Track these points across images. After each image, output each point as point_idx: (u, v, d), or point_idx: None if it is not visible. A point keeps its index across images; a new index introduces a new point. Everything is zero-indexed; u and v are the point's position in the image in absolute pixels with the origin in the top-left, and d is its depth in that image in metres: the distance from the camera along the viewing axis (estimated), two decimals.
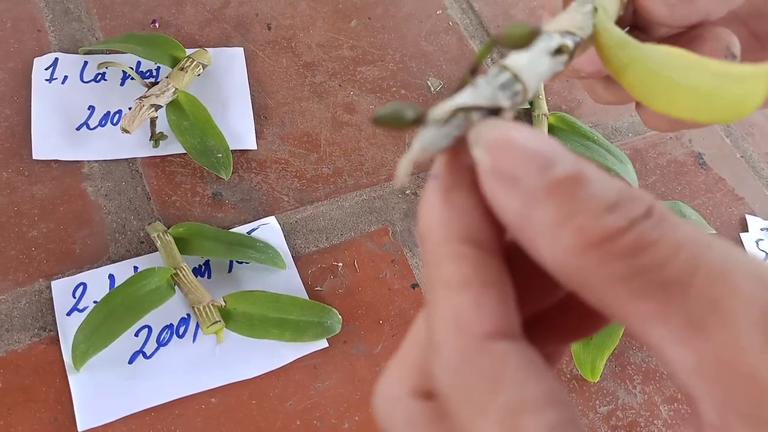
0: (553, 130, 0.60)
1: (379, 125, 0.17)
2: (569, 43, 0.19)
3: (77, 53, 0.59)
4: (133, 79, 0.58)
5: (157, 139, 0.55)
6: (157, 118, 0.55)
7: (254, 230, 0.52)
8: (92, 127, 0.55)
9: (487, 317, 0.15)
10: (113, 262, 0.50)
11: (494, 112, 0.17)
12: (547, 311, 0.19)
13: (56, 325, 0.47)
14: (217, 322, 0.47)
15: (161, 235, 0.50)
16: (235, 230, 0.52)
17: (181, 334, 0.48)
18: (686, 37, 0.26)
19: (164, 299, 0.48)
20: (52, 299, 0.48)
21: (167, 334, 0.48)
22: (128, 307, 0.47)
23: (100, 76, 0.58)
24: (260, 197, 0.54)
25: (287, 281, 0.51)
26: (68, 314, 0.47)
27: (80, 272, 0.49)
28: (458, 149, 0.17)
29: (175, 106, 0.56)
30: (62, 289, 0.48)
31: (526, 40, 0.18)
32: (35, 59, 0.58)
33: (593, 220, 0.14)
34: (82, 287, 0.49)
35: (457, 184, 0.16)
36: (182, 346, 0.47)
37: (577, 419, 0.14)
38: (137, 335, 0.47)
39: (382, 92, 0.61)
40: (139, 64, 0.59)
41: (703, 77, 0.19)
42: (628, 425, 0.49)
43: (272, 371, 0.47)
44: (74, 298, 0.48)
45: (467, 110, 0.17)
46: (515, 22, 0.19)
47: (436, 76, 0.63)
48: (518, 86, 0.18)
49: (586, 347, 0.50)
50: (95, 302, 0.47)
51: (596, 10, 0.21)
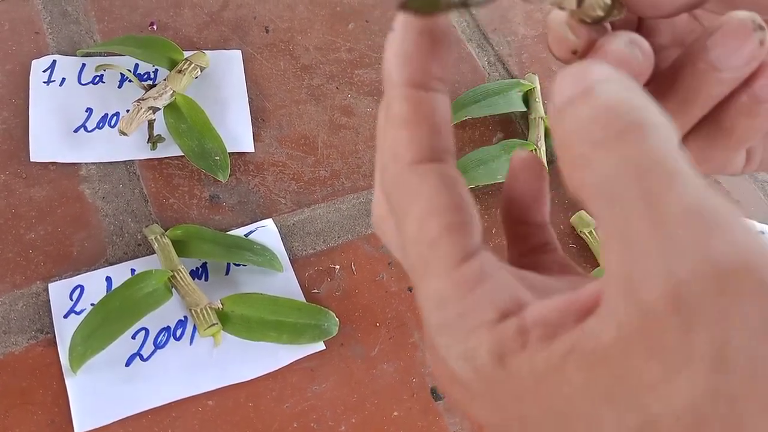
0: (549, 133, 0.60)
1: (408, 10, 0.18)
2: None
3: (75, 55, 0.59)
4: (130, 81, 0.58)
5: (154, 141, 0.55)
6: (154, 120, 0.55)
7: (251, 233, 0.53)
8: (90, 129, 0.56)
9: (416, 149, 0.19)
10: (110, 264, 0.50)
11: None
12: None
13: (53, 327, 0.47)
14: (214, 324, 0.47)
15: (158, 237, 0.50)
16: (232, 233, 0.52)
17: (178, 336, 0.48)
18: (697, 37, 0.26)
19: (161, 302, 0.48)
20: (49, 301, 0.48)
21: (164, 336, 0.48)
22: (125, 309, 0.47)
23: (97, 78, 0.58)
24: (257, 200, 0.54)
25: (284, 284, 0.51)
26: (65, 317, 0.48)
27: (77, 275, 0.49)
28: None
29: (172, 108, 0.56)
30: (59, 291, 0.48)
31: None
32: (33, 61, 0.58)
33: (589, 123, 0.17)
34: (79, 290, 0.49)
35: (410, 39, 0.20)
36: (179, 348, 0.48)
37: (471, 222, 0.19)
38: (134, 338, 0.48)
39: (379, 95, 0.61)
40: (136, 66, 0.59)
41: None
42: None
43: (269, 374, 0.47)
44: (71, 300, 0.48)
45: None
46: None
47: None
48: None
49: None
50: (92, 305, 0.47)
51: None
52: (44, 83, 0.57)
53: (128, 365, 0.47)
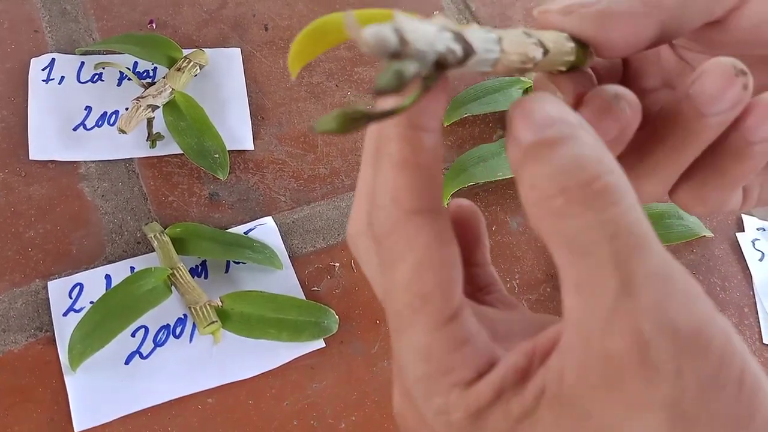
0: None
1: (382, 95, 0.17)
2: (450, 53, 0.18)
3: (74, 54, 0.59)
4: (130, 79, 0.58)
5: (154, 139, 0.55)
6: (154, 118, 0.55)
7: (251, 230, 0.53)
8: (89, 127, 0.56)
9: (416, 197, 0.19)
10: (110, 262, 0.50)
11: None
12: None
13: (53, 325, 0.47)
14: (214, 322, 0.47)
15: (158, 235, 0.50)
16: (232, 230, 0.52)
17: (177, 334, 0.48)
18: (682, 84, 0.26)
19: (161, 300, 0.48)
20: (48, 300, 0.48)
21: (164, 334, 0.48)
22: (125, 307, 0.47)
23: (97, 76, 0.58)
24: (257, 197, 0.54)
25: (284, 281, 0.51)
26: (65, 315, 0.48)
27: (77, 273, 0.49)
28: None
29: (172, 106, 0.56)
30: (59, 289, 0.48)
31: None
32: (32, 60, 0.58)
33: (544, 180, 0.18)
34: (78, 288, 0.49)
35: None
36: (179, 346, 0.48)
37: (459, 279, 0.19)
38: (134, 335, 0.47)
39: None
40: (136, 64, 0.59)
41: None
42: None
43: (269, 371, 0.47)
44: (71, 298, 0.48)
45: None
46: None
47: None
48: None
49: None
50: (92, 303, 0.47)
51: (501, 39, 0.20)
52: (43, 81, 0.57)
53: (128, 363, 0.47)
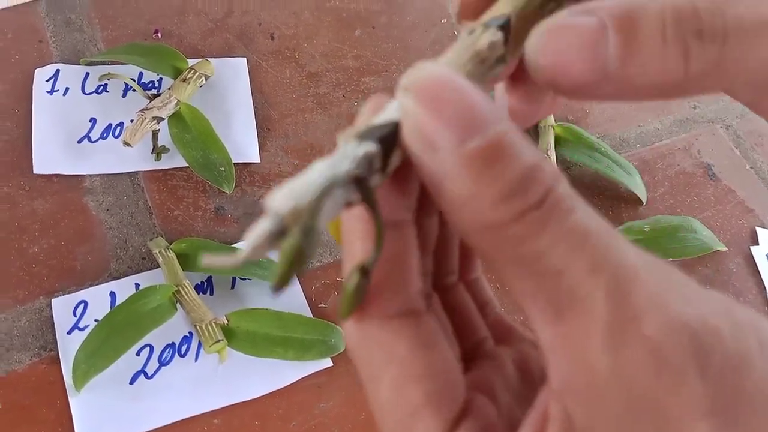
0: (559, 141, 0.59)
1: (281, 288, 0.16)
2: (360, 162, 0.16)
3: (79, 64, 0.58)
4: (135, 90, 0.57)
5: (159, 152, 0.54)
6: (159, 130, 0.54)
7: None
8: (94, 140, 0.55)
9: (386, 300, 0.17)
10: (114, 278, 0.49)
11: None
12: None
13: (57, 344, 0.46)
14: (219, 341, 0.46)
15: (163, 251, 0.49)
16: (237, 245, 0.51)
17: (183, 353, 0.47)
18: None
19: (166, 318, 0.47)
20: (52, 317, 0.47)
21: (169, 353, 0.47)
22: (129, 326, 0.46)
23: (101, 87, 0.58)
24: (263, 211, 0.53)
25: (290, 298, 0.50)
26: (69, 333, 0.47)
27: (81, 289, 0.49)
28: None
29: (177, 118, 0.55)
30: (63, 307, 0.48)
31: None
32: (36, 70, 0.57)
33: (489, 209, 0.16)
34: (83, 305, 0.48)
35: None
36: (184, 365, 0.47)
37: (455, 384, 0.17)
38: (138, 354, 0.47)
39: None
40: (141, 75, 0.59)
41: None
42: None
43: (275, 391, 0.46)
44: (75, 316, 0.48)
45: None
46: None
47: None
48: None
49: None
50: (96, 320, 0.47)
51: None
52: (47, 93, 0.56)
53: (132, 383, 0.46)
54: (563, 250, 0.15)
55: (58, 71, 0.58)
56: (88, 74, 0.58)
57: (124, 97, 0.58)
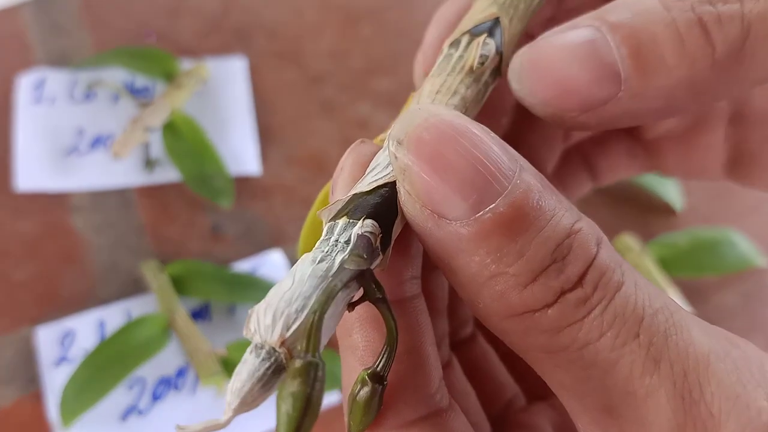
0: None
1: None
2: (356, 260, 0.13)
3: (66, 70, 0.54)
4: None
5: (151, 165, 0.50)
6: (150, 142, 0.50)
7: (257, 265, 0.48)
8: (82, 152, 0.51)
9: (403, 409, 0.14)
10: (103, 303, 0.46)
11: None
12: None
13: (42, 377, 0.43)
14: (217, 373, 0.43)
15: (156, 274, 0.46)
16: (236, 265, 0.48)
17: (179, 386, 0.44)
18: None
19: (159, 348, 0.43)
20: (37, 349, 0.44)
21: (164, 386, 0.43)
22: (120, 359, 0.42)
23: (91, 94, 0.54)
24: (264, 228, 0.50)
25: None
26: (56, 365, 0.43)
27: (68, 316, 0.45)
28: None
29: (170, 128, 0.51)
30: (49, 337, 0.44)
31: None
32: (21, 77, 0.53)
33: (515, 292, 0.13)
34: (70, 335, 0.44)
35: None
36: (181, 399, 0.43)
37: None
38: (131, 388, 0.43)
39: (396, 106, 0.56)
40: (133, 79, 0.55)
41: None
42: None
43: None
44: (62, 346, 0.44)
45: None
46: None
47: None
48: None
49: None
50: (84, 351, 0.43)
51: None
52: (33, 101, 0.53)
53: (125, 419, 0.42)
54: (613, 337, 0.13)
55: (44, 78, 0.54)
56: (76, 80, 0.54)
57: (115, 103, 0.54)
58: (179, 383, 0.44)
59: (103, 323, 0.45)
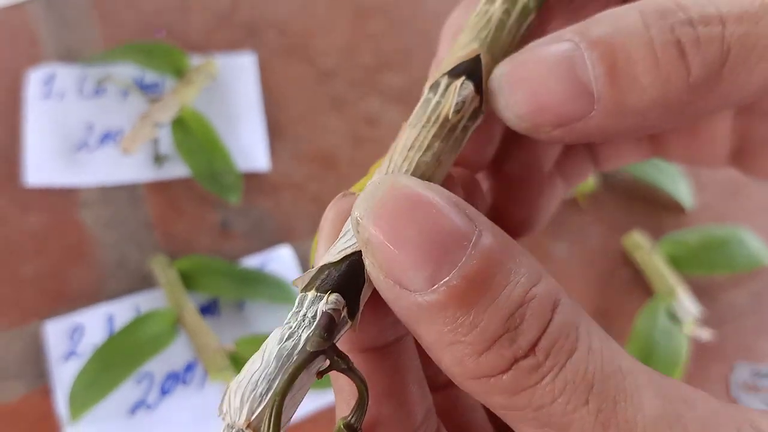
0: None
1: None
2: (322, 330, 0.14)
3: (76, 65, 0.54)
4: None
5: (160, 160, 0.50)
6: (159, 138, 0.50)
7: (266, 261, 0.48)
8: (92, 147, 0.51)
9: None
10: (112, 298, 0.46)
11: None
12: None
13: (52, 372, 0.43)
14: (225, 368, 0.43)
15: (165, 270, 0.46)
16: (245, 261, 0.48)
17: (187, 381, 0.44)
18: None
19: (168, 343, 0.43)
20: (46, 343, 0.44)
21: (172, 381, 0.43)
22: (129, 354, 0.42)
23: (100, 89, 0.54)
24: (273, 224, 0.49)
25: None
26: (65, 359, 0.43)
27: (77, 311, 0.45)
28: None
29: (180, 123, 0.51)
30: (58, 331, 0.44)
31: None
32: (31, 73, 0.53)
33: (472, 358, 0.14)
34: (79, 330, 0.44)
35: None
36: (189, 394, 0.43)
37: None
38: (140, 383, 0.43)
39: (408, 102, 0.56)
40: (143, 75, 0.55)
41: None
42: None
43: (290, 424, 0.42)
44: (71, 341, 0.44)
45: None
46: None
47: None
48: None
49: None
50: (93, 346, 0.43)
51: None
52: (42, 97, 0.53)
53: (133, 413, 0.43)
54: (564, 403, 0.13)
55: (54, 73, 0.54)
56: (86, 76, 0.54)
57: (125, 98, 0.54)
58: (187, 378, 0.44)
59: (111, 318, 0.45)
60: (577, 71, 0.15)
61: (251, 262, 0.48)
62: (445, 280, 0.13)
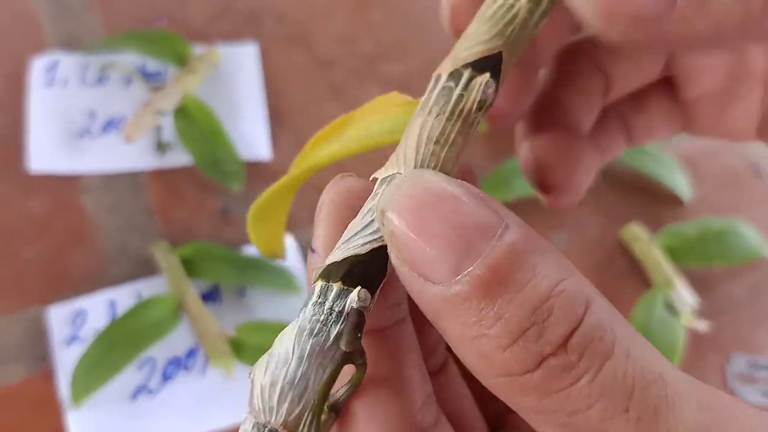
0: None
1: None
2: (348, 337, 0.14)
3: (78, 53, 0.54)
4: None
5: (162, 148, 0.50)
6: (162, 125, 0.50)
7: None
8: (94, 134, 0.51)
9: None
10: (114, 285, 0.46)
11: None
12: None
13: (53, 356, 0.43)
14: (226, 354, 0.43)
15: (166, 256, 0.46)
16: (246, 248, 0.48)
17: (189, 366, 0.44)
18: None
19: (170, 329, 0.44)
20: (48, 328, 0.44)
21: (174, 366, 0.44)
22: (131, 339, 0.43)
23: (103, 77, 0.54)
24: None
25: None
26: (67, 344, 0.44)
27: (79, 297, 0.45)
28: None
29: (182, 111, 0.51)
30: (60, 316, 0.45)
31: None
32: (34, 60, 0.53)
33: (498, 354, 0.13)
34: (81, 314, 0.45)
35: None
36: (190, 380, 0.44)
37: None
38: (141, 368, 0.44)
39: (406, 91, 0.56)
40: (145, 63, 0.55)
41: None
42: None
43: None
44: (73, 326, 0.44)
45: None
46: None
47: None
48: None
49: None
50: (95, 331, 0.43)
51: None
52: (45, 84, 0.53)
53: (135, 399, 0.43)
54: (602, 410, 0.13)
55: (56, 61, 0.54)
56: (88, 64, 0.54)
57: (127, 86, 0.54)
58: (189, 364, 0.44)
59: (113, 303, 0.45)
60: None
61: (252, 249, 0.48)
62: (469, 270, 0.13)
